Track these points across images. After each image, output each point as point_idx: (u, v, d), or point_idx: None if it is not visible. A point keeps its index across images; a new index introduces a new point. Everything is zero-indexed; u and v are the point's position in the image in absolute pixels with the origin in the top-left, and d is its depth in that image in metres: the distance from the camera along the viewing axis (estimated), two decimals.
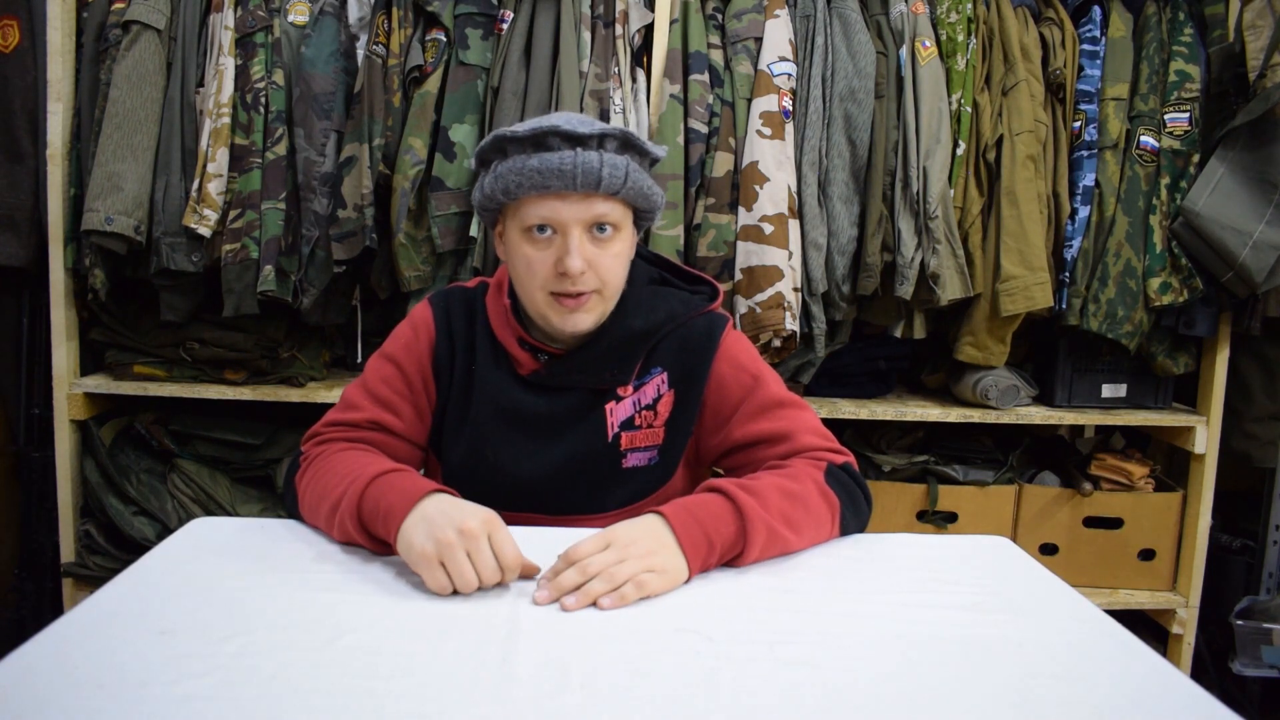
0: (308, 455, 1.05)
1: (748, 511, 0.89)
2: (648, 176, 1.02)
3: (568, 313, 1.00)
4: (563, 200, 0.96)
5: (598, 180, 0.95)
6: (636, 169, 0.99)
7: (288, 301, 1.75)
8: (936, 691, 0.66)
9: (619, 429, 1.08)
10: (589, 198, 0.96)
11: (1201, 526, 1.94)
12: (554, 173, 0.94)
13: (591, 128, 0.95)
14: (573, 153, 0.94)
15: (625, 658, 0.70)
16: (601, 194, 0.97)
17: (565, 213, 0.96)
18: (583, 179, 0.94)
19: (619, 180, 0.96)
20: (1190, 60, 1.84)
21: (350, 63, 1.78)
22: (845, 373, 1.98)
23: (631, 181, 0.98)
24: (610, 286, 1.01)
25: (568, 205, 0.96)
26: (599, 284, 1.00)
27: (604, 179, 0.95)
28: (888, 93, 1.80)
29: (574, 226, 0.97)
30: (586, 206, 0.97)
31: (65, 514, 1.86)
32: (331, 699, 0.62)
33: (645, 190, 1.01)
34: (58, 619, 0.73)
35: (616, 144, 0.97)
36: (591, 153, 0.95)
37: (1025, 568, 0.95)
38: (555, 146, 0.95)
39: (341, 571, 0.87)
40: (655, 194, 1.03)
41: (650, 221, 1.09)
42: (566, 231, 0.97)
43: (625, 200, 1.00)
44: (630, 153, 0.99)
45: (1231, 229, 1.73)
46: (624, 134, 0.97)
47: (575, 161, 0.94)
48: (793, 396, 1.09)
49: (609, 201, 0.98)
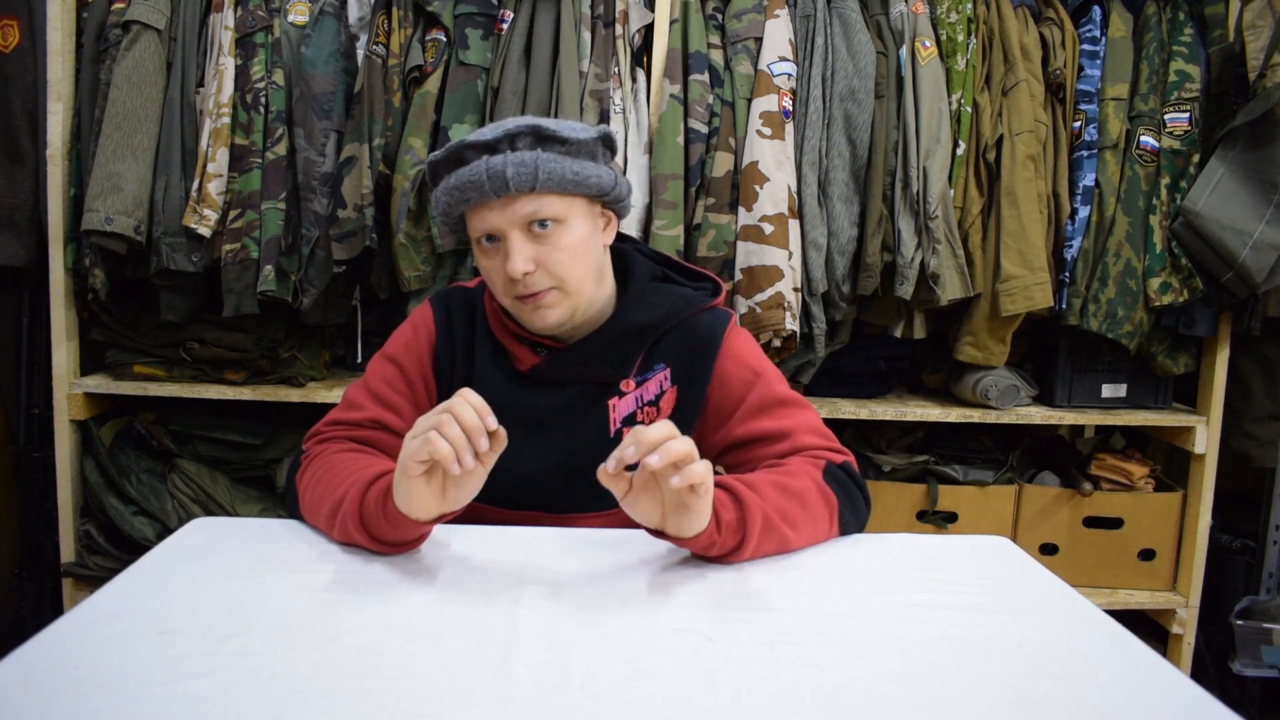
0: (309, 454, 1.05)
1: (748, 506, 0.88)
2: (573, 161, 0.98)
3: (532, 310, 1.00)
4: (490, 208, 0.97)
5: (504, 182, 0.94)
6: (553, 159, 0.96)
7: (288, 301, 1.75)
8: (936, 691, 0.66)
9: (621, 424, 1.08)
10: (512, 200, 0.96)
11: (1201, 526, 1.94)
12: (469, 185, 0.95)
13: (499, 131, 0.96)
14: (482, 161, 0.95)
15: (625, 658, 0.70)
16: (520, 193, 0.96)
17: (497, 220, 0.97)
18: (491, 184, 0.95)
19: (528, 176, 0.95)
20: (1190, 60, 1.84)
21: (350, 63, 1.78)
22: (845, 373, 1.98)
23: (545, 173, 0.95)
24: (569, 280, 1.00)
25: (495, 212, 0.97)
26: (552, 280, 0.99)
27: (510, 179, 0.94)
28: (888, 93, 1.80)
29: (510, 230, 0.97)
30: (514, 208, 0.96)
31: (65, 514, 1.86)
32: (331, 699, 0.62)
33: (569, 176, 0.97)
34: (58, 619, 0.73)
35: (528, 140, 0.96)
36: (497, 157, 0.95)
37: (1025, 568, 0.95)
38: (469, 159, 0.96)
39: (341, 571, 0.87)
40: (589, 176, 0.99)
41: (618, 205, 1.06)
42: (505, 237, 0.98)
43: (556, 192, 0.98)
44: (545, 144, 0.97)
45: (1231, 229, 1.73)
46: (534, 127, 0.96)
47: (483, 169, 0.95)
48: (794, 395, 1.09)
49: (535, 198, 0.97)
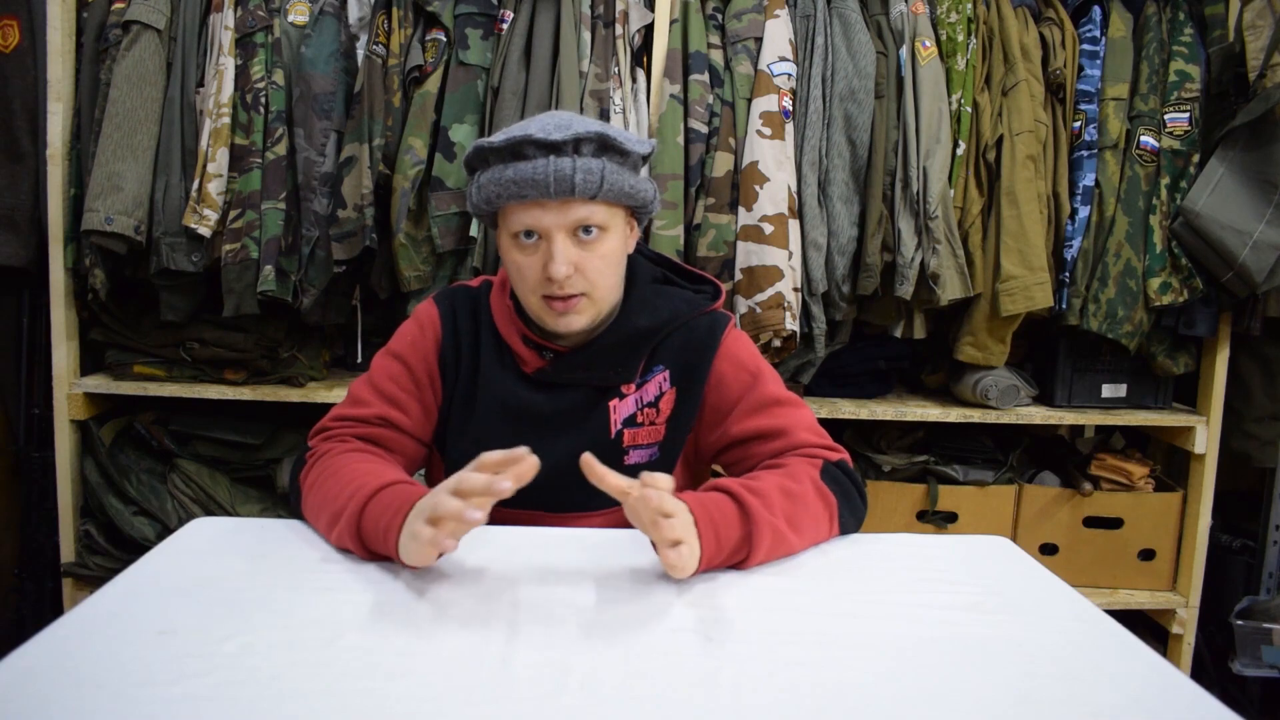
0: (315, 453, 1.05)
1: (755, 515, 0.89)
2: (631, 174, 1.00)
3: (558, 315, 1.01)
4: (542, 208, 0.96)
5: (571, 187, 0.95)
6: (615, 169, 0.98)
7: (288, 301, 1.75)
8: (936, 691, 0.66)
9: (621, 426, 1.08)
10: (568, 203, 0.96)
11: (1201, 526, 1.94)
12: (529, 182, 0.94)
13: (566, 133, 0.94)
14: (546, 160, 0.94)
15: (625, 658, 0.70)
16: (579, 199, 0.96)
17: (546, 220, 0.97)
18: (556, 187, 0.94)
19: (594, 185, 0.96)
20: (1190, 60, 1.84)
21: (350, 63, 1.78)
22: (845, 373, 1.98)
23: (609, 184, 0.97)
24: (599, 288, 1.01)
25: (548, 212, 0.96)
26: (587, 286, 1.00)
27: (578, 185, 0.95)
28: (888, 93, 1.80)
29: (556, 232, 0.97)
30: (567, 212, 0.97)
31: (65, 514, 1.86)
32: (331, 699, 0.62)
33: (627, 189, 0.99)
34: (58, 619, 0.73)
35: (593, 147, 0.96)
36: (565, 159, 0.94)
37: (1025, 568, 0.95)
38: (530, 155, 0.95)
39: (341, 571, 0.87)
40: (641, 190, 1.02)
41: (648, 215, 1.09)
42: (550, 237, 0.97)
43: (607, 202, 0.99)
44: (608, 154, 0.97)
45: (1231, 229, 1.73)
46: (600, 135, 0.96)
47: (548, 170, 0.94)
48: (790, 395, 1.10)
49: (589, 205, 0.97)
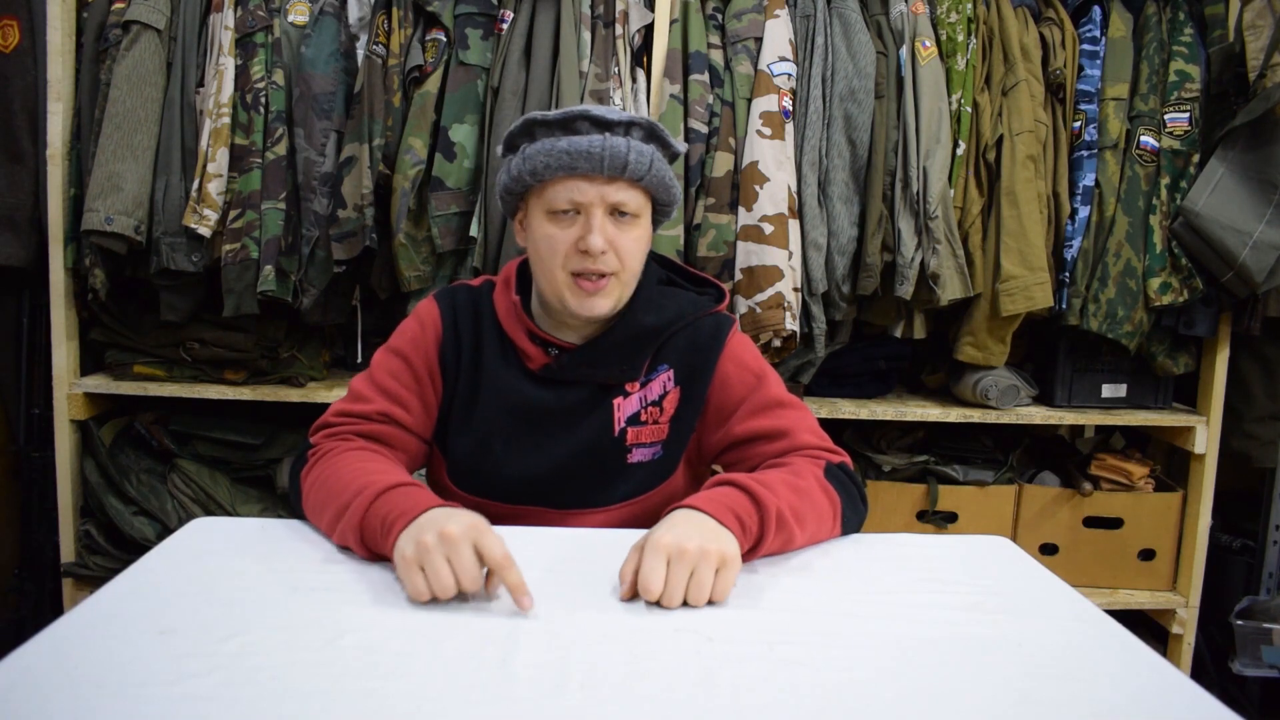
0: (317, 450, 1.04)
1: (765, 505, 0.89)
2: (671, 170, 1.05)
3: (585, 296, 1.02)
4: (589, 182, 0.99)
5: (624, 165, 0.98)
6: (660, 159, 1.02)
7: (288, 301, 1.75)
8: (936, 691, 0.66)
9: (625, 424, 1.09)
10: (613, 181, 1.00)
11: (1201, 526, 1.94)
12: (582, 154, 0.97)
13: (619, 116, 0.99)
14: (601, 137, 0.98)
15: (625, 658, 0.70)
16: (626, 179, 1.00)
17: (590, 194, 0.99)
18: (610, 162, 0.97)
19: (644, 167, 1.00)
20: (1190, 60, 1.84)
21: (350, 63, 1.78)
22: (845, 373, 1.98)
23: (655, 170, 1.01)
24: (628, 271, 1.03)
25: (593, 186, 0.99)
26: (618, 266, 1.02)
27: (630, 164, 0.98)
28: (888, 93, 1.80)
29: (597, 207, 1.00)
30: (610, 190, 1.00)
31: (65, 514, 1.86)
32: (331, 699, 0.62)
33: (667, 181, 1.04)
34: (58, 619, 0.73)
35: (643, 133, 1.01)
36: (619, 138, 0.98)
37: (1025, 568, 0.95)
38: (584, 130, 0.99)
39: (341, 571, 0.87)
40: (675, 187, 1.07)
41: (666, 217, 1.11)
42: (589, 212, 1.00)
43: (647, 189, 1.03)
44: (655, 143, 1.02)
45: (1231, 229, 1.73)
46: (650, 124, 1.01)
47: (604, 145, 0.97)
48: (792, 398, 1.11)
49: (631, 188, 1.01)
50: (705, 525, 0.84)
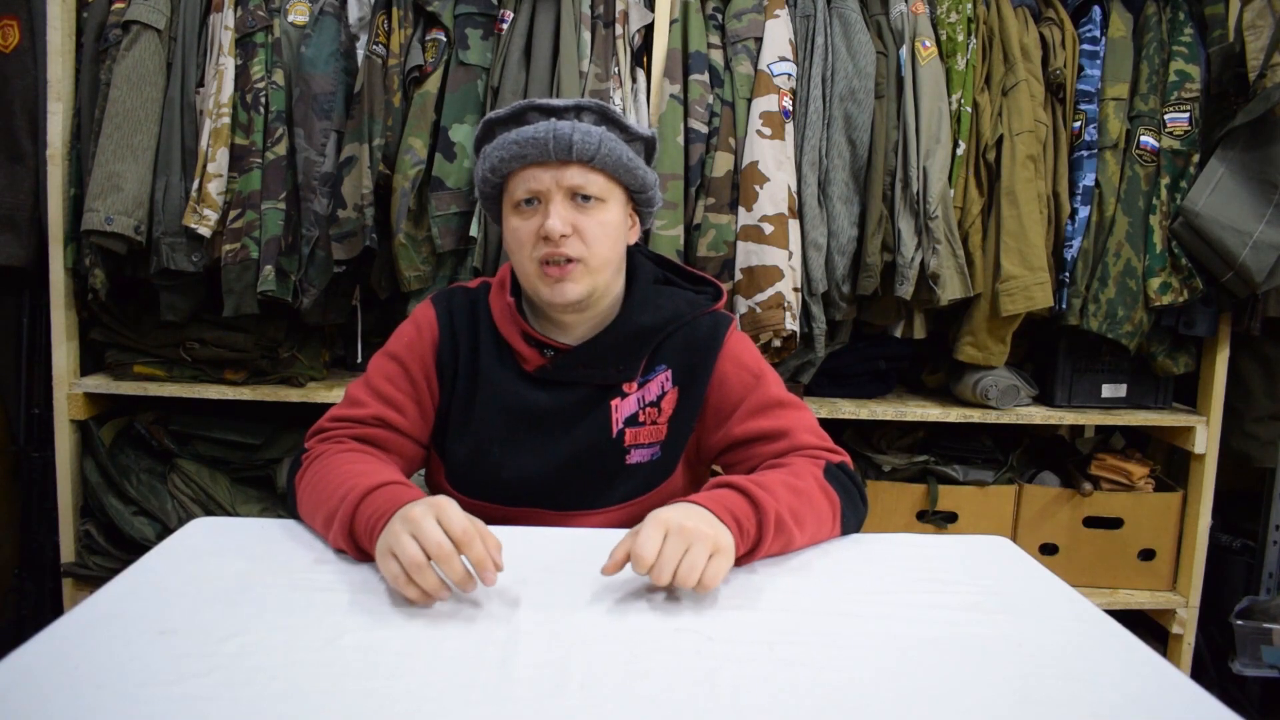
0: (311, 454, 1.05)
1: (764, 508, 0.89)
2: (629, 150, 1.04)
3: (554, 282, 1.02)
4: (542, 168, 1.00)
5: (569, 145, 0.98)
6: (613, 139, 1.02)
7: (288, 301, 1.75)
8: (936, 691, 0.66)
9: (623, 425, 1.09)
10: (566, 166, 1.00)
11: (1201, 526, 1.94)
12: (529, 142, 0.99)
13: (568, 102, 1.01)
14: (548, 123, 0.99)
15: (625, 658, 0.70)
16: (577, 162, 1.00)
17: (545, 180, 1.00)
18: (555, 145, 0.98)
19: (591, 147, 0.99)
20: (1190, 60, 1.84)
21: (350, 63, 1.78)
22: (845, 373, 1.98)
23: (606, 149, 1.00)
24: (596, 256, 1.02)
25: (547, 172, 1.00)
26: (583, 251, 1.01)
27: (575, 144, 0.98)
28: (888, 93, 1.80)
29: (554, 193, 1.00)
30: (565, 174, 1.00)
31: (65, 514, 1.86)
32: (331, 699, 0.62)
33: (625, 161, 1.03)
34: (58, 619, 0.73)
35: (593, 116, 1.02)
36: (565, 122, 0.99)
37: (1025, 568, 0.95)
38: (532, 120, 1.01)
39: (341, 571, 0.87)
40: (638, 168, 1.05)
41: (650, 208, 1.11)
42: (547, 198, 1.01)
43: (605, 171, 1.02)
44: (609, 125, 1.02)
45: (1231, 229, 1.73)
46: (600, 106, 1.02)
47: (549, 130, 0.98)
48: (792, 397, 1.10)
49: (589, 171, 1.01)
50: (705, 515, 0.84)
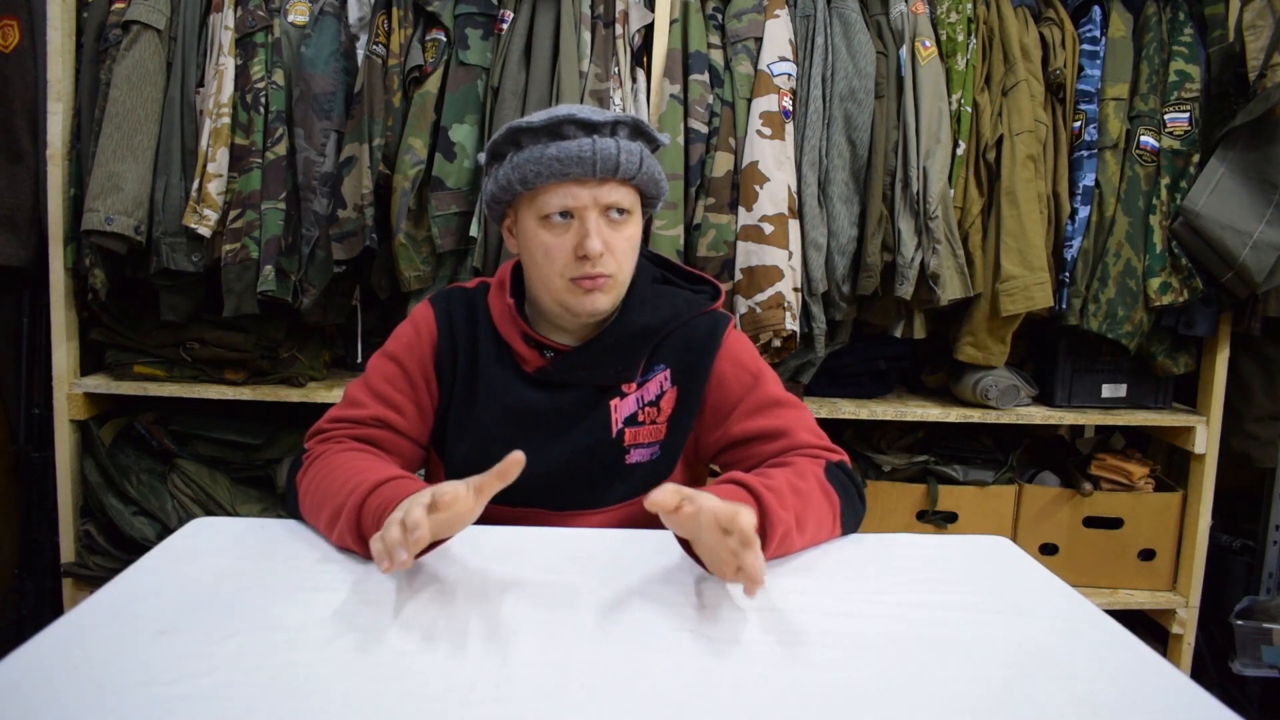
0: (311, 454, 1.05)
1: (769, 510, 0.88)
2: (658, 164, 1.06)
3: (585, 294, 1.02)
4: (581, 186, 0.99)
5: (615, 166, 0.98)
6: (649, 155, 1.03)
7: (288, 301, 1.75)
8: (936, 691, 0.66)
9: (622, 425, 1.09)
10: (605, 183, 1.00)
11: (1201, 526, 1.94)
12: (573, 160, 0.97)
13: (604, 116, 0.99)
14: (590, 140, 0.98)
15: (625, 658, 0.70)
16: (618, 179, 1.00)
17: (583, 198, 0.99)
18: (601, 165, 0.98)
19: (635, 166, 1.00)
20: (1190, 60, 1.84)
21: (350, 63, 1.78)
22: (845, 373, 1.98)
23: (646, 167, 1.02)
24: (624, 270, 1.04)
25: (586, 190, 0.99)
26: (614, 267, 1.02)
27: (621, 164, 0.99)
28: (888, 93, 1.80)
29: (591, 210, 1.00)
30: (603, 192, 1.00)
31: (65, 514, 1.86)
32: (331, 699, 0.62)
33: (656, 176, 1.05)
34: (58, 619, 0.73)
35: (629, 130, 1.01)
36: (608, 139, 0.98)
37: (1025, 568, 0.95)
38: (571, 135, 0.98)
39: (341, 571, 0.87)
40: (664, 180, 1.07)
41: (653, 209, 1.11)
42: (584, 216, 1.00)
43: (638, 186, 1.03)
44: (641, 139, 1.03)
45: (1231, 229, 1.73)
46: (635, 121, 1.01)
47: (594, 148, 0.97)
48: (790, 396, 1.10)
49: (623, 187, 1.01)
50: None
